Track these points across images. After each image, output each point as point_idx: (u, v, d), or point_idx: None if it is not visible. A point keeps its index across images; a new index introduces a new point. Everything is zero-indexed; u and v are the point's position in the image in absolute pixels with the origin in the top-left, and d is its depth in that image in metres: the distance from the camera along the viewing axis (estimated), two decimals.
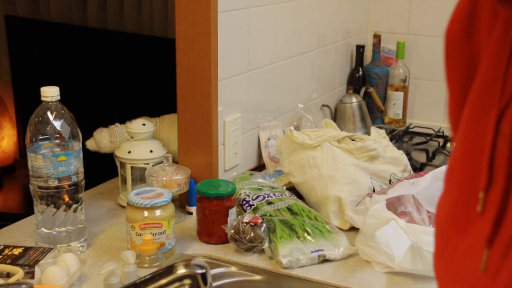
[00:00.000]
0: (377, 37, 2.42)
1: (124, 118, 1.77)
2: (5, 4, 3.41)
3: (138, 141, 1.63)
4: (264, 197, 1.52)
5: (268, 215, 1.46)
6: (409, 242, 1.33)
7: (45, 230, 1.38)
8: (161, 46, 2.64)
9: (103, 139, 1.75)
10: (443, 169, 1.52)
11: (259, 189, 1.58)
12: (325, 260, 1.38)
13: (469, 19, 0.66)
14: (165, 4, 2.88)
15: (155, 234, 1.36)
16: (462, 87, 0.66)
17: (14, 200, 3.31)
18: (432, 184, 1.48)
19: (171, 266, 0.99)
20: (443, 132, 2.30)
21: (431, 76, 2.45)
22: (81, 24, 3.16)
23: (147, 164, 1.61)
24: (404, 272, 1.34)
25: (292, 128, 1.70)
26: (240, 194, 1.55)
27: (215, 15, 1.53)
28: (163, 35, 2.87)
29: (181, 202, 1.65)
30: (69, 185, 1.36)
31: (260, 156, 1.86)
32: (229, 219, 1.46)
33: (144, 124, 1.63)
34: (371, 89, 2.38)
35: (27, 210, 1.65)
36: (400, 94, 2.39)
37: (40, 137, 1.34)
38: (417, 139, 2.24)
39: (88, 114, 2.31)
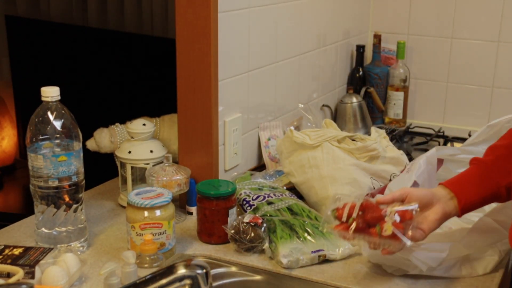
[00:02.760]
0: (377, 37, 2.42)
1: (124, 118, 1.77)
2: (5, 4, 3.41)
3: (138, 141, 1.63)
4: (264, 197, 1.52)
5: (268, 215, 1.46)
6: None
7: (45, 230, 1.38)
8: (161, 46, 2.64)
9: (103, 139, 1.75)
10: (433, 152, 1.52)
11: (259, 189, 1.58)
12: (325, 260, 1.38)
13: None
14: (165, 4, 2.88)
15: (155, 234, 1.36)
16: None
17: (15, 200, 3.31)
18: (424, 169, 1.48)
19: (171, 266, 0.99)
20: (443, 132, 2.30)
21: (432, 76, 2.45)
22: (81, 24, 3.16)
23: (148, 164, 1.61)
24: (405, 274, 1.34)
25: (292, 128, 1.69)
26: (241, 194, 1.55)
27: (215, 15, 1.53)
28: (163, 35, 2.87)
29: (181, 202, 1.65)
30: (70, 185, 1.36)
31: (260, 156, 1.86)
32: (229, 219, 1.46)
33: (144, 124, 1.63)
34: (371, 89, 2.38)
35: (28, 210, 1.65)
36: (400, 94, 2.40)
37: (41, 137, 1.34)
38: (418, 139, 2.24)
39: (88, 114, 2.31)
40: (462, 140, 2.09)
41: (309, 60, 2.09)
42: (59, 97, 1.35)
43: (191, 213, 1.62)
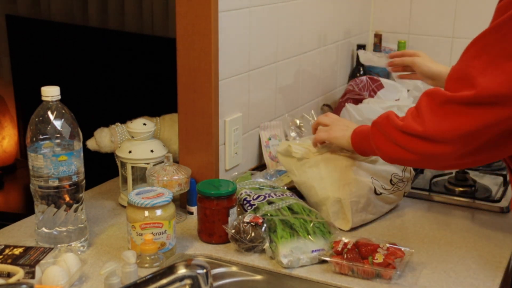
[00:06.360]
0: (378, 37, 2.42)
1: (124, 117, 1.77)
2: (6, 3, 3.41)
3: (138, 141, 1.63)
4: (264, 197, 1.52)
5: (268, 214, 1.46)
6: None
7: (46, 230, 1.38)
8: (161, 46, 2.64)
9: (103, 138, 1.75)
10: None
11: (260, 188, 1.58)
12: (325, 260, 1.38)
13: None
14: (165, 3, 2.88)
15: (156, 234, 1.36)
16: None
17: (15, 199, 3.31)
18: None
19: (172, 266, 0.99)
20: None
21: None
22: (82, 23, 3.16)
23: (148, 163, 1.61)
24: (405, 274, 1.34)
25: (291, 143, 1.65)
26: (241, 193, 1.55)
27: (215, 15, 1.53)
28: (164, 35, 2.87)
29: (181, 202, 1.65)
30: (70, 185, 1.36)
31: (260, 155, 1.86)
32: (229, 219, 1.46)
33: (144, 124, 1.63)
34: None
35: (28, 209, 1.65)
36: None
37: (41, 137, 1.33)
38: None
39: (89, 114, 2.31)
40: None
41: (310, 59, 2.09)
42: (59, 97, 1.34)
43: (191, 213, 1.62)
